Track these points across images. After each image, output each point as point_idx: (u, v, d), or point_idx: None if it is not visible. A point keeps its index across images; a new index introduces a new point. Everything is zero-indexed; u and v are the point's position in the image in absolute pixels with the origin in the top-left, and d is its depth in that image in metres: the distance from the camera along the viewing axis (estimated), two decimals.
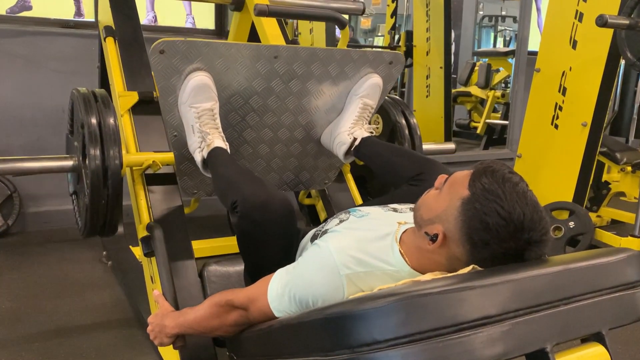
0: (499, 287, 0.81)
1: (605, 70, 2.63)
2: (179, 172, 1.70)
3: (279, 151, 1.76)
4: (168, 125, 1.59)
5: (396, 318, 0.75)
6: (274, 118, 1.66)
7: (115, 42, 1.94)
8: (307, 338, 0.91)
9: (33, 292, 2.25)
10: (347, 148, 1.68)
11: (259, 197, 1.27)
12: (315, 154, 1.83)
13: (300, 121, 1.70)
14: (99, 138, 1.54)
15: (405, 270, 1.01)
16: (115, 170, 1.54)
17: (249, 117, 1.63)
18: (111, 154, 1.53)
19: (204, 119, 1.50)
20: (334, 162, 1.89)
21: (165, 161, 1.69)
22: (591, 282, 0.90)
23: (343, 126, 1.69)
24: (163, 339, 1.27)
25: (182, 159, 1.66)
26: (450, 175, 1.01)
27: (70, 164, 1.67)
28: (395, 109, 2.11)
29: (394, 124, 2.08)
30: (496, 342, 0.76)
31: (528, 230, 0.91)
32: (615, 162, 3.04)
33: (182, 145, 1.61)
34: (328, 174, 1.94)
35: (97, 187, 1.53)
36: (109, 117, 1.58)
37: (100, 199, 1.55)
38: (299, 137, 1.75)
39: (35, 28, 2.81)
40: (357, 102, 1.68)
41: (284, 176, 1.84)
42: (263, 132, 1.68)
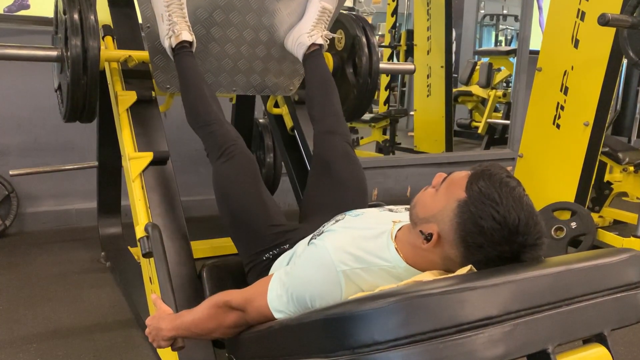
0: (500, 288, 0.81)
1: (608, 70, 2.62)
2: (153, 66, 1.83)
3: (245, 52, 1.90)
4: (142, 18, 1.74)
5: (397, 319, 0.75)
6: (239, 17, 1.81)
7: (114, 41, 1.94)
8: (307, 339, 0.92)
9: (31, 293, 2.25)
10: (305, 50, 1.82)
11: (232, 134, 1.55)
12: (279, 59, 1.97)
13: (264, 22, 1.85)
14: (80, 29, 1.68)
15: (402, 266, 1.02)
16: (94, 59, 1.69)
17: (216, 14, 1.77)
18: (90, 43, 1.69)
19: (172, 8, 1.65)
20: (298, 69, 2.02)
21: (140, 57, 1.84)
22: (593, 282, 0.90)
23: (304, 29, 1.83)
24: (160, 342, 1.26)
25: (155, 52, 1.80)
26: (448, 175, 1.01)
27: (55, 53, 1.81)
28: (356, 24, 2.19)
29: (354, 38, 2.17)
30: (497, 343, 0.76)
31: (522, 234, 0.91)
32: (618, 162, 3.03)
33: (154, 38, 1.75)
34: (292, 80, 2.07)
35: (78, 72, 1.69)
36: (90, 13, 1.70)
37: (80, 85, 1.71)
38: (264, 39, 1.89)
39: (33, 27, 2.79)
40: (316, 6, 1.82)
41: (250, 78, 1.99)
42: (229, 31, 1.83)
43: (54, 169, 2.61)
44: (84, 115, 1.83)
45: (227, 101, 2.70)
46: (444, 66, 4.77)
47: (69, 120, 1.86)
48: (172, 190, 1.71)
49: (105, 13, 1.97)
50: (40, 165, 2.69)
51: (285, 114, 2.24)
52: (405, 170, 3.94)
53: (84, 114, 1.82)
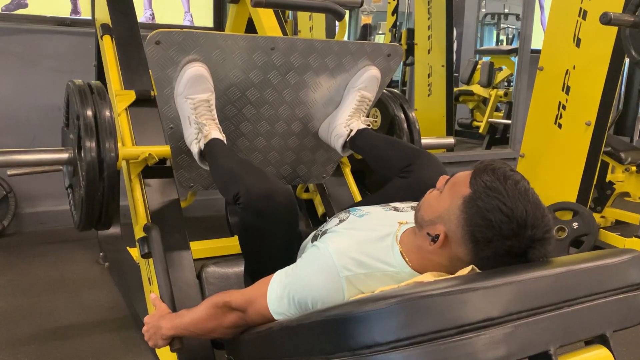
0: (501, 289, 0.81)
1: (610, 69, 2.61)
2: (175, 165, 1.70)
3: (276, 144, 1.75)
4: (164, 118, 1.58)
5: (397, 320, 0.75)
6: (271, 111, 1.66)
7: (113, 40, 1.94)
8: (308, 340, 0.91)
9: (29, 294, 2.24)
10: (344, 140, 1.67)
11: (263, 188, 1.27)
12: (312, 148, 1.83)
13: (298, 114, 1.70)
14: (94, 130, 1.55)
15: (406, 271, 1.01)
16: (111, 163, 1.54)
17: (246, 109, 1.63)
18: (107, 146, 1.54)
19: (201, 110, 1.49)
20: (332, 156, 1.89)
21: (161, 154, 1.69)
22: (595, 283, 0.90)
23: (340, 118, 1.69)
24: (158, 341, 1.26)
25: (179, 152, 1.65)
26: (452, 176, 1.01)
27: (66, 156, 1.66)
28: (394, 102, 2.12)
29: (393, 117, 2.08)
30: (499, 345, 0.76)
31: (531, 227, 0.90)
32: (620, 162, 3.02)
33: (178, 138, 1.60)
34: (326, 168, 1.94)
35: (93, 179, 1.54)
36: (104, 109, 1.59)
37: (95, 192, 1.56)
38: (297, 130, 1.75)
39: (31, 26, 2.79)
40: (355, 95, 1.67)
41: (281, 170, 1.84)
42: (260, 125, 1.68)
43: (53, 169, 2.60)
44: (101, 224, 1.68)
45: None
46: (444, 65, 4.76)
47: (83, 229, 1.71)
48: (171, 190, 1.70)
49: (104, 12, 1.96)
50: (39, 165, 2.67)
51: (317, 200, 2.09)
52: None
53: (100, 223, 1.67)
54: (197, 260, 1.60)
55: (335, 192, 2.03)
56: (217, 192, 1.53)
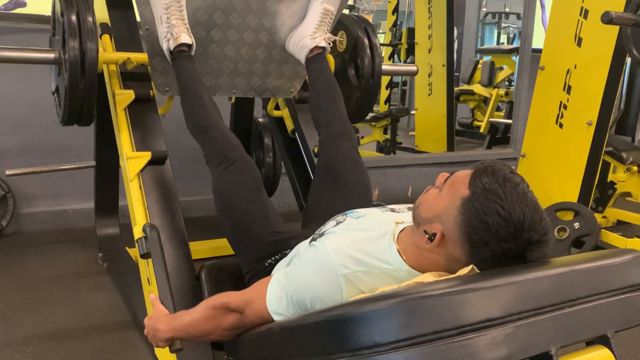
0: (502, 289, 0.81)
1: (611, 68, 2.60)
2: (152, 69, 1.81)
3: (245, 54, 1.87)
4: (141, 20, 1.72)
5: (398, 320, 0.75)
6: (240, 18, 1.78)
7: (112, 39, 1.92)
8: (307, 341, 0.91)
9: (27, 294, 2.23)
10: (308, 52, 1.79)
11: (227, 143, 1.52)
12: (280, 60, 1.94)
13: (265, 24, 1.82)
14: (77, 31, 1.66)
15: (404, 269, 1.01)
16: (92, 62, 1.67)
17: (216, 15, 1.75)
18: (88, 46, 1.66)
19: (172, 10, 1.63)
20: (299, 71, 1.99)
21: (139, 60, 1.82)
22: (596, 284, 0.90)
23: (306, 31, 1.80)
24: (158, 342, 1.26)
25: (154, 54, 1.78)
26: (451, 175, 1.00)
27: (52, 56, 1.78)
28: (358, 25, 2.17)
29: (356, 39, 2.14)
30: (500, 345, 0.76)
31: (528, 230, 0.90)
32: (621, 162, 3.00)
33: (153, 40, 1.74)
34: (294, 83, 2.04)
35: (76, 75, 1.67)
36: (87, 15, 1.68)
37: (78, 87, 1.68)
38: (264, 41, 1.86)
39: (30, 25, 2.78)
40: (318, 8, 1.79)
41: (251, 81, 1.96)
42: (230, 33, 1.80)
43: (51, 168, 2.60)
44: (82, 119, 1.82)
45: (226, 100, 2.68)
46: (445, 65, 4.76)
47: (66, 123, 1.85)
48: (170, 190, 1.69)
49: (103, 11, 1.96)
50: (37, 165, 2.67)
51: (286, 116, 2.22)
52: (407, 170, 3.93)
53: (82, 118, 1.81)
54: (196, 261, 1.60)
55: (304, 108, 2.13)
56: None
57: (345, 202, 1.43)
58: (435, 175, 1.06)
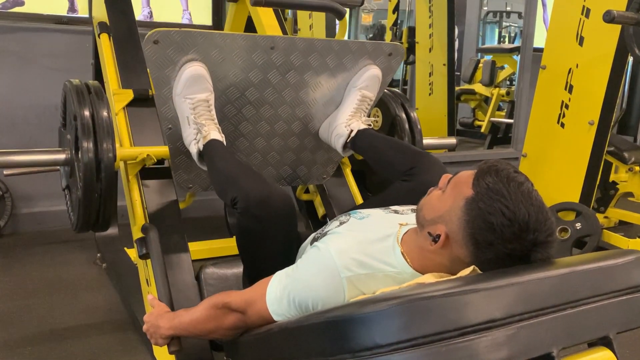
0: (503, 290, 0.80)
1: (613, 67, 2.59)
2: (173, 166, 1.68)
3: (276, 145, 1.74)
4: (162, 118, 1.56)
5: (398, 321, 0.75)
6: (271, 111, 1.64)
7: (110, 38, 1.93)
8: (307, 342, 0.91)
9: (25, 295, 2.23)
10: (345, 140, 1.65)
11: (261, 192, 1.26)
12: (313, 148, 1.81)
13: (298, 114, 1.68)
14: (92, 130, 1.53)
15: (408, 272, 1.00)
16: (108, 164, 1.53)
17: (245, 109, 1.61)
18: (104, 146, 1.53)
19: (199, 110, 1.47)
20: (332, 156, 1.87)
21: (159, 155, 1.67)
22: (598, 284, 0.89)
23: (341, 118, 1.67)
24: (158, 340, 1.25)
25: (177, 152, 1.63)
26: (455, 175, 1.00)
27: (63, 157, 1.65)
28: (395, 102, 2.10)
29: (394, 117, 2.06)
30: (501, 347, 0.75)
31: (533, 231, 0.89)
32: (623, 162, 3.00)
33: (177, 138, 1.58)
34: (326, 169, 1.92)
35: (90, 180, 1.53)
36: (102, 110, 1.57)
37: (93, 193, 1.55)
38: (297, 131, 1.73)
39: (28, 24, 2.78)
40: (356, 94, 1.65)
41: (281, 170, 1.82)
42: (259, 125, 1.66)
43: (49, 168, 2.59)
44: (98, 225, 1.67)
45: None
46: (446, 64, 4.75)
47: (80, 231, 1.71)
48: (169, 190, 1.68)
49: (102, 10, 1.95)
50: None
51: (317, 201, 2.06)
52: None
53: (97, 224, 1.66)
54: (195, 261, 1.59)
55: (336, 193, 2.00)
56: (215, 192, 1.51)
57: None
58: None
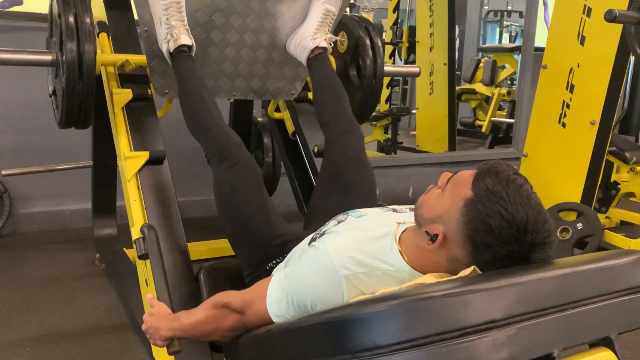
0: (504, 291, 0.80)
1: (615, 67, 2.57)
2: (150, 71, 1.79)
3: (245, 56, 1.86)
4: (140, 22, 1.70)
5: (399, 322, 0.75)
6: (240, 20, 1.77)
7: (109, 38, 1.91)
8: (307, 343, 0.90)
9: (24, 296, 2.23)
10: (308, 53, 1.78)
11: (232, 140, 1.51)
12: (281, 62, 1.93)
13: (265, 25, 1.81)
14: (75, 32, 1.63)
15: (406, 270, 1.00)
16: (90, 64, 1.65)
17: (216, 16, 1.74)
18: (86, 48, 1.64)
19: (171, 12, 1.61)
20: (300, 72, 1.98)
21: (138, 61, 1.80)
22: (600, 285, 0.89)
23: (306, 32, 1.79)
24: (157, 341, 1.25)
25: (153, 56, 1.76)
26: (454, 175, 0.99)
27: (49, 58, 1.76)
28: (359, 26, 2.15)
29: (357, 40, 2.12)
30: (502, 347, 0.75)
31: (531, 233, 0.89)
32: (625, 162, 2.99)
33: (152, 42, 1.72)
34: (294, 84, 2.03)
35: (73, 77, 1.64)
36: (85, 15, 1.66)
37: (75, 90, 1.66)
38: (265, 43, 1.85)
39: (26, 23, 2.77)
40: (319, 8, 1.78)
41: (251, 83, 1.95)
42: (230, 34, 1.79)
43: (48, 168, 2.60)
44: (80, 122, 1.80)
45: (225, 99, 2.66)
46: (446, 63, 4.74)
47: (64, 126, 1.83)
48: (168, 190, 1.68)
49: (100, 10, 1.94)
50: (34, 165, 2.67)
51: (287, 118, 2.20)
52: (407, 170, 3.91)
53: (79, 121, 1.79)
54: (195, 262, 1.59)
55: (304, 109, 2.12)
56: None
57: (349, 203, 1.42)
58: (436, 175, 1.05)
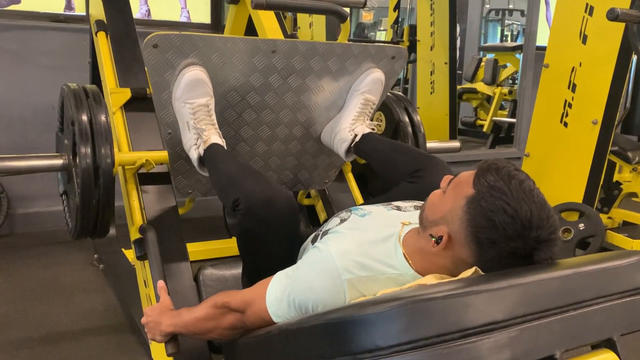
0: (506, 292, 0.80)
1: (617, 66, 2.57)
2: (173, 171, 1.66)
3: (277, 150, 1.72)
4: (162, 123, 1.54)
5: (399, 323, 0.74)
6: (272, 115, 1.62)
7: (107, 37, 1.93)
8: (307, 344, 0.90)
9: (22, 297, 2.22)
10: (348, 145, 1.64)
11: (264, 193, 1.24)
12: (314, 153, 1.79)
13: (300, 118, 1.66)
14: (90, 135, 1.53)
15: (410, 274, 0.99)
16: (106, 169, 1.52)
17: (246, 114, 1.59)
18: (102, 152, 1.52)
19: (199, 115, 1.45)
20: (334, 161, 1.85)
21: (159, 160, 1.66)
22: (602, 286, 0.89)
23: (344, 123, 1.65)
24: (156, 336, 1.25)
25: (177, 158, 1.61)
26: (456, 176, 0.99)
27: (60, 162, 1.65)
28: (398, 105, 2.09)
29: (397, 121, 2.05)
30: (503, 349, 0.74)
31: (536, 228, 0.88)
32: (627, 162, 2.99)
33: (176, 143, 1.56)
34: (328, 173, 1.90)
35: (88, 186, 1.52)
36: (100, 114, 1.56)
37: (91, 199, 1.54)
38: (298, 135, 1.71)
39: (24, 22, 2.77)
40: (359, 98, 1.63)
41: (282, 175, 1.81)
42: (260, 130, 1.64)
43: None
44: (96, 232, 1.67)
45: None
46: (447, 62, 4.72)
47: (78, 238, 1.70)
48: (167, 191, 1.67)
49: (99, 8, 1.93)
50: None
51: (319, 207, 2.05)
52: None
53: (95, 231, 1.65)
54: (194, 262, 1.58)
55: (338, 198, 1.99)
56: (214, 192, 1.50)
57: None
58: None
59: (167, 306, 1.27)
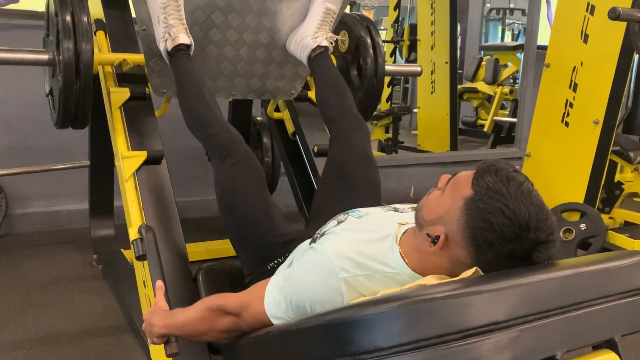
0: (506, 292, 0.80)
1: (618, 65, 2.57)
2: (148, 70, 1.78)
3: (244, 55, 1.85)
4: (138, 20, 1.70)
5: (399, 324, 0.74)
6: (239, 19, 1.76)
7: (107, 36, 1.90)
8: (307, 345, 0.90)
9: (20, 297, 2.22)
10: (309, 52, 1.77)
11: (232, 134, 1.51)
12: (281, 62, 1.92)
13: (265, 24, 1.80)
14: (72, 31, 1.63)
15: (406, 272, 0.99)
16: (87, 63, 1.64)
17: (214, 15, 1.73)
18: (83, 47, 1.64)
19: (169, 10, 1.60)
20: (300, 72, 1.97)
21: (135, 60, 1.79)
22: (603, 286, 0.89)
23: (307, 31, 1.79)
24: (152, 338, 1.24)
25: (151, 55, 1.75)
26: (454, 176, 0.99)
27: (46, 57, 1.76)
28: (360, 25, 2.15)
29: (358, 39, 2.12)
30: (504, 349, 0.74)
31: (534, 230, 0.88)
32: (629, 162, 2.98)
33: (150, 41, 1.71)
34: (294, 84, 2.02)
35: (70, 77, 1.64)
36: (82, 14, 1.65)
37: (72, 89, 1.66)
38: (264, 42, 1.84)
39: (23, 21, 2.76)
40: (320, 7, 1.77)
41: (250, 82, 1.93)
42: (229, 33, 1.78)
43: (44, 168, 2.60)
44: (77, 122, 1.79)
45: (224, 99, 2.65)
46: (448, 62, 4.73)
47: (61, 126, 1.82)
48: (166, 190, 1.67)
49: (97, 7, 1.93)
50: (30, 165, 2.67)
51: (287, 118, 2.18)
52: (408, 170, 3.90)
53: (76, 121, 1.78)
54: (193, 263, 1.58)
55: (304, 109, 2.11)
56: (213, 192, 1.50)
57: (354, 200, 1.40)
58: (438, 175, 1.04)
59: (161, 307, 1.27)
